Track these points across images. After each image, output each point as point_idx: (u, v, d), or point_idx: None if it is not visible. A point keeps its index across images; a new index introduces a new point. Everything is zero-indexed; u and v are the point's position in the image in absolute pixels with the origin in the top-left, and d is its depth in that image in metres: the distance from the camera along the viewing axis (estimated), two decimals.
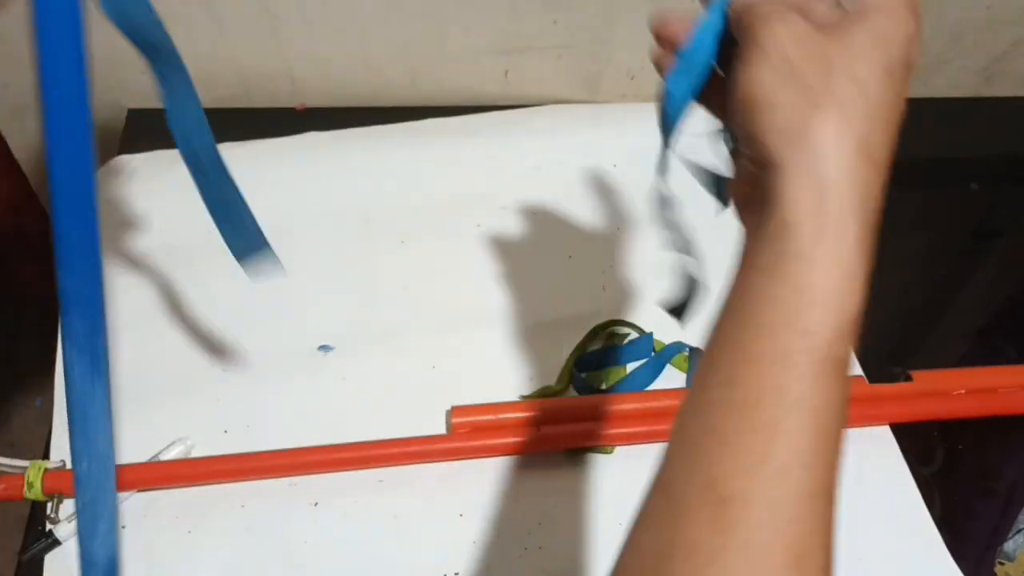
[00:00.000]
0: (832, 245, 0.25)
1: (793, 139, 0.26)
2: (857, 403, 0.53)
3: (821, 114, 0.25)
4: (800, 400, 0.24)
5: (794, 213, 0.25)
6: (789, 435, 0.24)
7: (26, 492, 0.46)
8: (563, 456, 0.51)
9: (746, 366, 0.25)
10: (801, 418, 0.24)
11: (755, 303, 0.25)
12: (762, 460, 0.24)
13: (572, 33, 0.68)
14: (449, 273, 0.61)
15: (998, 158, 0.77)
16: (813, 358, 0.24)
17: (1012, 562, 0.50)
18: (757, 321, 0.25)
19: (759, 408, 0.24)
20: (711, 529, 0.24)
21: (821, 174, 0.25)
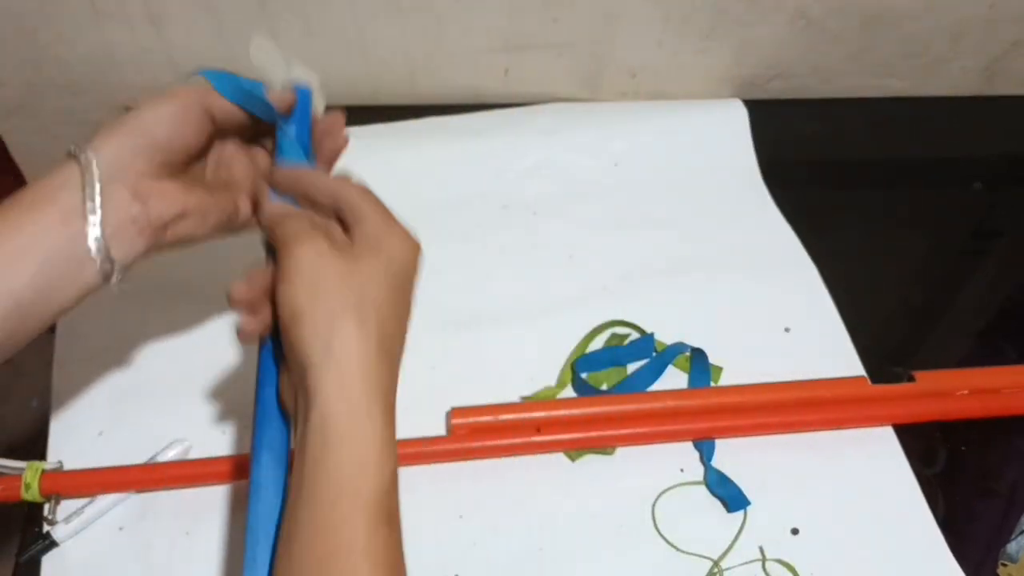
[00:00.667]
0: (364, 425, 0.31)
1: (322, 345, 0.31)
2: (859, 404, 0.53)
3: (342, 324, 0.32)
4: (366, 549, 0.30)
5: (328, 405, 0.31)
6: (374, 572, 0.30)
7: (23, 493, 0.46)
8: (563, 457, 0.51)
9: (321, 535, 0.30)
10: (371, 561, 0.30)
11: (315, 484, 0.31)
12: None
13: (572, 31, 0.68)
14: (448, 273, 0.60)
15: (999, 158, 0.77)
16: (369, 513, 0.30)
17: (1015, 563, 0.50)
18: (321, 499, 0.31)
19: (336, 562, 0.30)
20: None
21: (346, 372, 0.31)
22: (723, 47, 0.71)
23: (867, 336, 0.58)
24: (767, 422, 0.51)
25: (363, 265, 0.33)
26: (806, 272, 0.62)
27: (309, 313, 0.32)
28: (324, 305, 0.32)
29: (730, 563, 0.46)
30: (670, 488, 0.49)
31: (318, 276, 0.32)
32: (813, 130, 0.75)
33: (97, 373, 0.53)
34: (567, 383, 0.54)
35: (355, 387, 0.31)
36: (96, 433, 0.51)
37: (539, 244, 0.63)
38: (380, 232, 0.34)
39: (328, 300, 0.32)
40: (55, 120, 0.71)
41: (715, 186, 0.68)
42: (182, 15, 0.64)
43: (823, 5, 0.68)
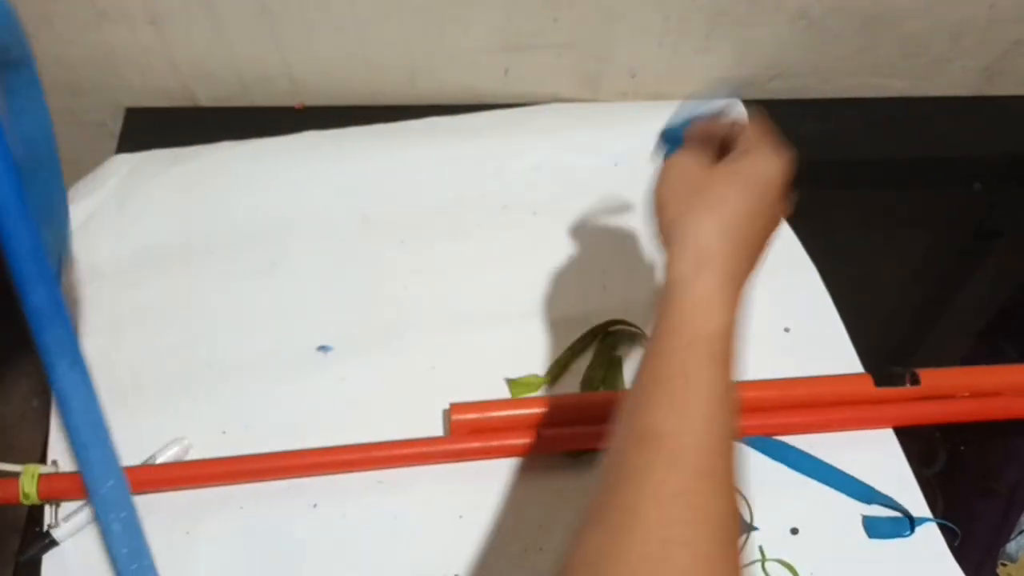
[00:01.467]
0: (706, 280, 0.35)
1: (675, 227, 0.37)
2: (860, 405, 0.53)
3: (693, 212, 0.37)
4: (696, 373, 0.33)
5: (679, 270, 0.36)
6: (695, 392, 0.33)
7: (22, 498, 0.46)
8: (564, 457, 0.51)
9: (659, 358, 0.34)
10: (699, 383, 0.33)
11: (658, 327, 0.35)
12: (677, 407, 0.33)
13: (572, 31, 0.68)
14: (449, 273, 0.60)
15: (999, 158, 0.77)
16: (702, 347, 0.34)
17: (1014, 563, 0.50)
18: (661, 333, 0.35)
19: (671, 380, 0.33)
20: (642, 455, 0.32)
21: (692, 245, 0.36)
22: (723, 47, 0.71)
23: (867, 336, 0.58)
24: (769, 424, 0.51)
25: (719, 176, 0.38)
26: (806, 272, 0.62)
27: (672, 204, 0.38)
28: (679, 202, 0.38)
29: None
30: None
31: (678, 184, 0.39)
32: (813, 130, 0.75)
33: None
34: (557, 376, 0.54)
35: (700, 254, 0.35)
36: None
37: (539, 244, 0.63)
38: (744, 152, 0.39)
39: (682, 200, 0.38)
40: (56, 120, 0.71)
41: None
42: (182, 16, 0.64)
43: (823, 5, 0.68)
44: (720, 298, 0.35)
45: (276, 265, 0.60)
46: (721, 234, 0.36)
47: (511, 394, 0.53)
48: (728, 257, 0.36)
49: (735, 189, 0.37)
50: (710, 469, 0.32)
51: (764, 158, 0.39)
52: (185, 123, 0.70)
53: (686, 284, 0.35)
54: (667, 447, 0.32)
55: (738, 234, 0.37)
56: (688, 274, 0.35)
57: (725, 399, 0.34)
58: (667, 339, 0.35)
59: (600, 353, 0.56)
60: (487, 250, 0.62)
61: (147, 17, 0.63)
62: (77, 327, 0.54)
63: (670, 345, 0.34)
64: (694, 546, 0.30)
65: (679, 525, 0.30)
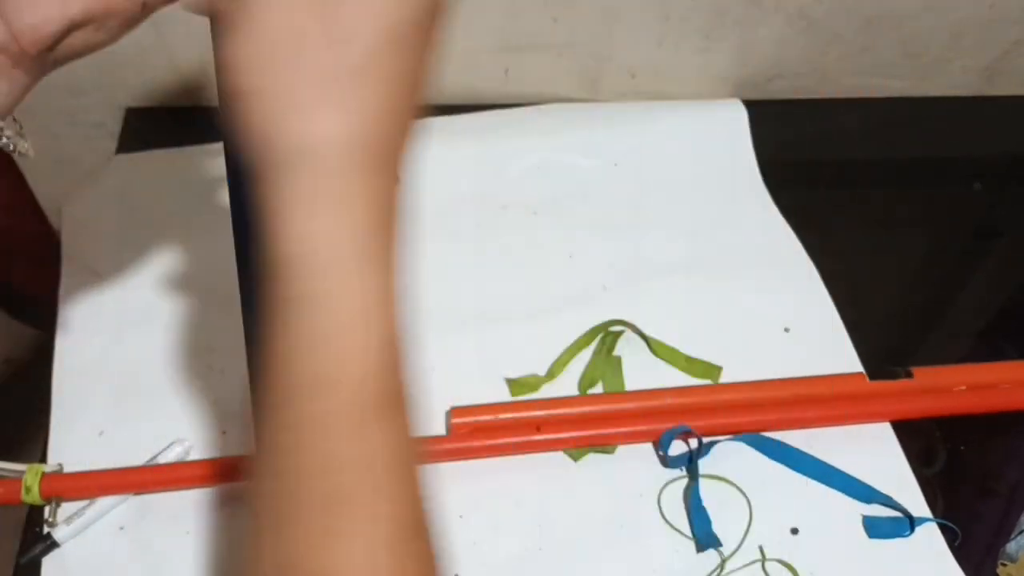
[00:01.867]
0: (341, 275, 0.20)
1: (276, 144, 0.20)
2: (857, 400, 0.53)
3: (315, 109, 0.20)
4: (352, 460, 0.21)
5: (290, 244, 0.20)
6: (353, 498, 0.21)
7: (24, 496, 0.46)
8: (564, 456, 0.51)
9: (286, 434, 0.21)
10: (360, 476, 0.21)
11: (274, 359, 0.21)
12: (333, 533, 0.21)
13: (572, 31, 0.68)
14: (448, 273, 0.60)
15: (999, 158, 0.77)
16: (351, 411, 0.21)
17: (1015, 563, 0.50)
18: (280, 383, 0.21)
19: (312, 479, 0.21)
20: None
21: (314, 190, 0.20)
22: (723, 47, 0.71)
23: (866, 336, 0.58)
24: (766, 419, 0.51)
25: (346, 7, 0.20)
26: (805, 272, 0.62)
27: (261, 91, 0.20)
28: (285, 78, 0.20)
29: (731, 566, 0.46)
30: (673, 481, 0.50)
31: (278, 29, 0.20)
32: (813, 130, 0.75)
33: (97, 374, 0.53)
34: (556, 375, 0.54)
35: (328, 218, 0.20)
36: (96, 434, 0.51)
37: (539, 244, 0.63)
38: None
39: (293, 71, 0.20)
40: (56, 121, 0.71)
41: (715, 186, 0.68)
42: (182, 16, 0.63)
43: (823, 5, 0.68)
44: (373, 294, 0.21)
45: None
46: (356, 153, 0.21)
47: (511, 394, 0.53)
48: (375, 197, 0.21)
49: (375, 42, 0.21)
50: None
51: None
52: (185, 123, 0.70)
53: (305, 289, 0.20)
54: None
55: (385, 138, 0.21)
56: (310, 263, 0.20)
57: (403, 474, 0.22)
58: (288, 406, 0.21)
59: (600, 353, 0.56)
60: (487, 250, 0.62)
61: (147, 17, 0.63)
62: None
63: (296, 417, 0.21)
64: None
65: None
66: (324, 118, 0.20)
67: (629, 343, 0.57)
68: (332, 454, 0.21)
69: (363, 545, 0.21)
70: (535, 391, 0.54)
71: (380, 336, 0.22)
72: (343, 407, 0.21)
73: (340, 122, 0.20)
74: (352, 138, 0.20)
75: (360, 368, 0.21)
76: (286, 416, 0.21)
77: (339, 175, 0.20)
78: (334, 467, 0.21)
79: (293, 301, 0.20)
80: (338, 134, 0.20)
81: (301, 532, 0.21)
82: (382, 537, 0.22)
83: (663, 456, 0.50)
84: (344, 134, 0.20)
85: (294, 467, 0.21)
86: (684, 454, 0.50)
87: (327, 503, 0.21)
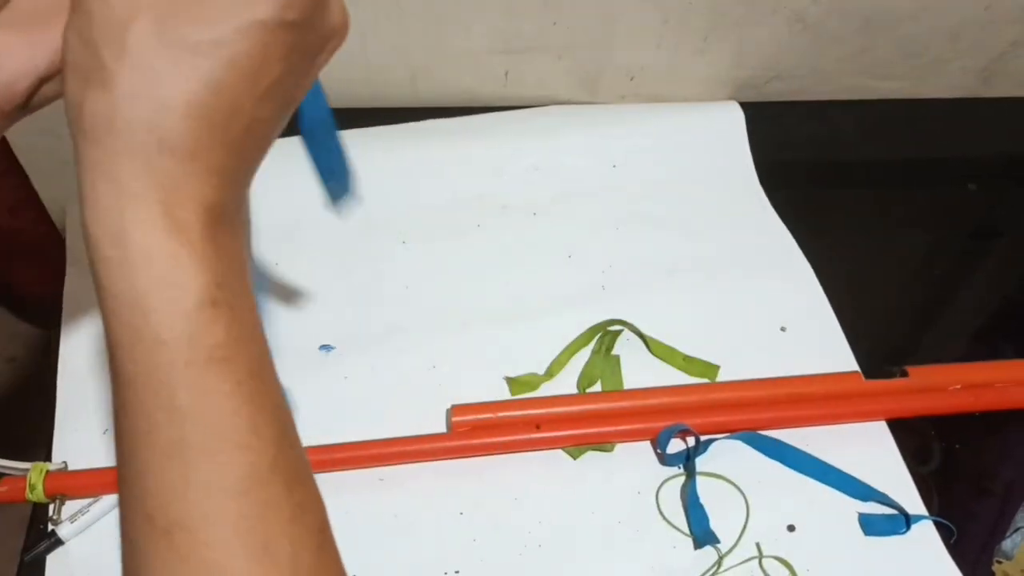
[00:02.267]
0: (138, 242, 0.21)
1: (79, 124, 0.21)
2: (853, 399, 0.53)
3: (105, 95, 0.20)
4: (192, 410, 0.22)
5: (92, 215, 0.21)
6: (199, 447, 0.22)
7: (28, 494, 0.46)
8: (563, 454, 0.51)
9: (128, 390, 0.22)
10: (203, 426, 0.22)
11: (105, 317, 0.22)
12: (183, 482, 0.22)
13: (572, 34, 0.68)
14: (449, 273, 0.61)
15: (996, 158, 0.78)
16: (182, 365, 0.21)
17: (1010, 561, 0.50)
18: (113, 341, 0.22)
19: (157, 431, 0.22)
20: (169, 560, 0.22)
21: (112, 173, 0.21)
22: (721, 49, 0.71)
23: (863, 335, 0.58)
24: (763, 418, 0.52)
25: (168, 10, 0.21)
26: (802, 272, 0.62)
27: (71, 69, 0.21)
28: (84, 62, 0.21)
29: (728, 563, 0.47)
30: (672, 478, 0.50)
31: (94, 13, 0.20)
32: (810, 131, 0.75)
33: (102, 372, 0.54)
34: (556, 374, 0.55)
35: (119, 188, 0.21)
36: (101, 432, 0.51)
37: (539, 244, 0.63)
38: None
39: (90, 57, 0.21)
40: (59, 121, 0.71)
41: (712, 187, 0.69)
42: None
43: (821, 7, 0.68)
44: (174, 260, 0.21)
45: (279, 265, 0.60)
46: (149, 150, 0.21)
47: (510, 392, 0.54)
48: (169, 178, 0.21)
49: (184, 46, 0.20)
50: (265, 540, 0.22)
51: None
52: None
53: (104, 255, 0.21)
54: (195, 542, 0.22)
55: (188, 139, 0.21)
56: (107, 227, 0.21)
57: (250, 423, 0.23)
58: (124, 362, 0.21)
59: (598, 352, 0.56)
60: (487, 250, 0.63)
61: None
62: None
63: (132, 372, 0.21)
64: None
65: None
66: (111, 100, 0.20)
67: (627, 342, 0.57)
68: (172, 407, 0.22)
69: (214, 493, 0.22)
70: (534, 390, 0.54)
71: (197, 297, 0.22)
72: (173, 361, 0.21)
73: (127, 105, 0.21)
74: (137, 120, 0.21)
75: (182, 325, 0.21)
76: (125, 372, 0.22)
77: (147, 123, 0.21)
78: (176, 419, 0.22)
79: (102, 263, 0.21)
80: (120, 126, 0.21)
81: (156, 483, 0.22)
82: (231, 484, 0.22)
83: (661, 454, 0.51)
84: (133, 114, 0.21)
85: (144, 421, 0.22)
86: (682, 452, 0.51)
87: (174, 453, 0.22)
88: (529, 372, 0.55)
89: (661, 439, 0.50)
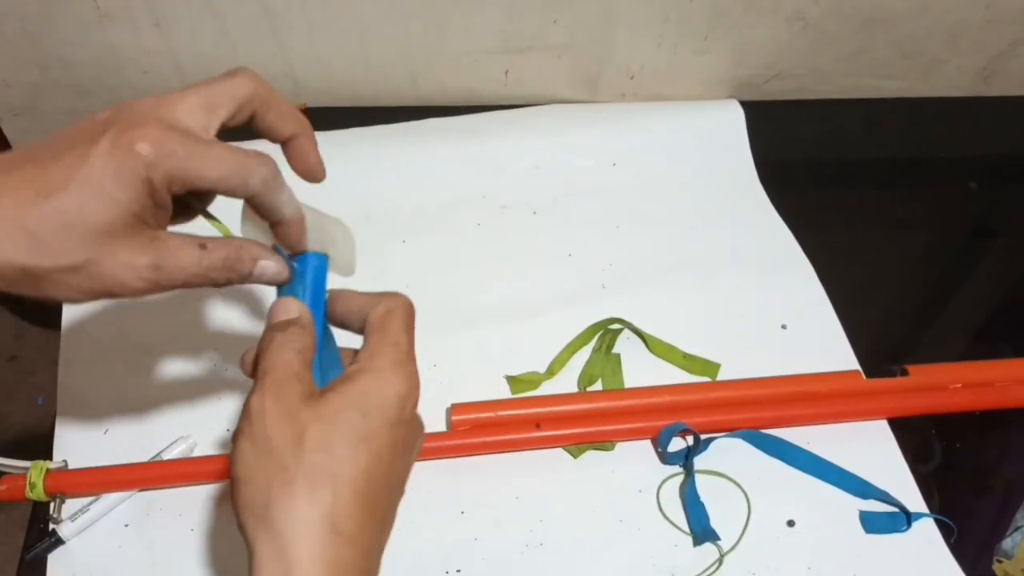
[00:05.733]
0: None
1: (261, 518, 0.25)
2: (853, 398, 0.53)
3: (288, 492, 0.25)
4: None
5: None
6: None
7: (28, 492, 0.46)
8: (564, 453, 0.51)
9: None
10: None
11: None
12: None
13: (572, 33, 0.68)
14: (449, 272, 0.61)
15: (996, 158, 0.78)
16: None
17: (1010, 559, 0.50)
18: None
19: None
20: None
21: (287, 558, 0.25)
22: (721, 48, 0.71)
23: (863, 334, 0.58)
24: (763, 416, 0.52)
25: (327, 415, 0.27)
26: (803, 270, 0.62)
27: (252, 477, 0.26)
28: (271, 470, 0.26)
29: (729, 560, 0.47)
30: (672, 477, 0.50)
31: (272, 434, 0.26)
32: (809, 130, 0.75)
33: (103, 372, 0.54)
34: (556, 373, 0.55)
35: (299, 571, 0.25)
36: (102, 431, 0.51)
37: (539, 244, 0.64)
38: (370, 379, 0.28)
39: (277, 464, 0.26)
40: (61, 122, 0.71)
41: (712, 186, 0.69)
42: (186, 17, 0.64)
43: (821, 6, 0.68)
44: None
45: None
46: (323, 527, 0.25)
47: (511, 391, 0.54)
48: (336, 563, 0.25)
49: (347, 439, 0.26)
50: None
51: (384, 382, 0.28)
52: None
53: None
54: None
55: (346, 517, 0.26)
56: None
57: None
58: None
59: (599, 351, 0.56)
60: (487, 249, 0.63)
61: (151, 19, 0.64)
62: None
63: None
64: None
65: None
66: (296, 503, 0.25)
67: (628, 341, 0.57)
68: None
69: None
70: (535, 388, 0.54)
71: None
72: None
73: (307, 507, 0.25)
74: (315, 519, 0.25)
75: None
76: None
77: (300, 547, 0.25)
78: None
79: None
80: (304, 515, 0.25)
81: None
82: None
83: (662, 453, 0.51)
84: (310, 514, 0.25)
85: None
86: (682, 450, 0.51)
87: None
88: (530, 371, 0.55)
89: (662, 438, 0.50)
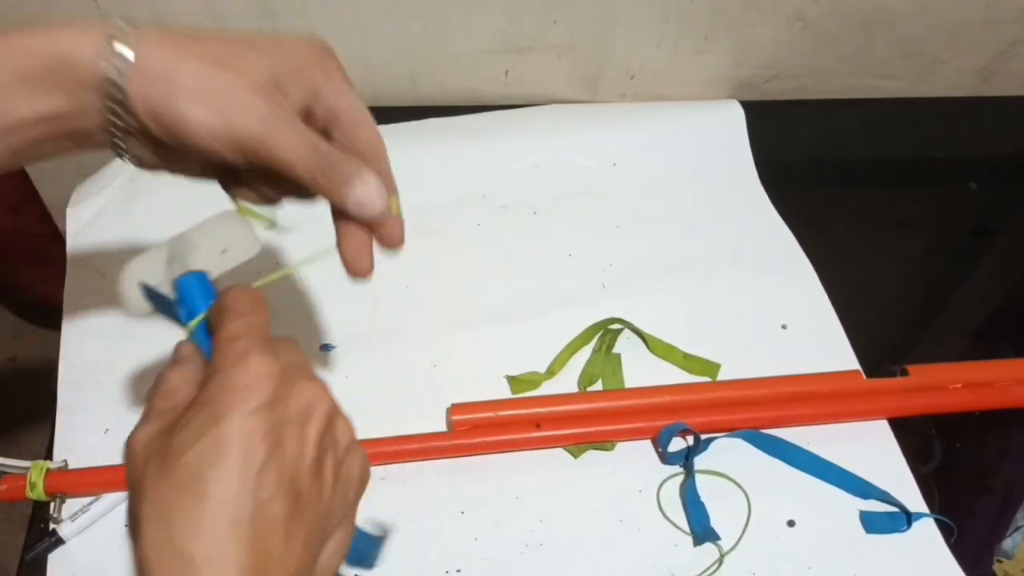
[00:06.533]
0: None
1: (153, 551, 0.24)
2: (854, 398, 0.53)
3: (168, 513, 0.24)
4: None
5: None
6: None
7: (28, 492, 0.46)
8: (564, 453, 0.51)
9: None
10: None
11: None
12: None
13: (572, 33, 0.68)
14: (449, 272, 0.61)
15: (996, 157, 0.78)
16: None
17: (1011, 560, 0.50)
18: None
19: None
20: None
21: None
22: (721, 48, 0.71)
23: (863, 334, 0.58)
24: (763, 416, 0.52)
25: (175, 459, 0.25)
26: (803, 270, 0.62)
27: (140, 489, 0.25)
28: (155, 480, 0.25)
29: (729, 560, 0.47)
30: (672, 477, 0.50)
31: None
32: (810, 130, 0.75)
33: (102, 372, 0.54)
34: (556, 373, 0.55)
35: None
36: (102, 431, 0.51)
37: (539, 244, 0.64)
38: (213, 385, 0.26)
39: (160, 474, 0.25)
40: None
41: (713, 186, 0.69)
42: (186, 18, 0.64)
43: (821, 7, 0.68)
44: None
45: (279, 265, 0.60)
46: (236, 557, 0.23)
47: (511, 391, 0.54)
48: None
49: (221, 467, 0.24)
50: None
51: (225, 381, 0.26)
52: None
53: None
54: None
55: (263, 542, 0.24)
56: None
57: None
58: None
59: (599, 351, 0.56)
60: (487, 249, 0.63)
61: (152, 20, 0.64)
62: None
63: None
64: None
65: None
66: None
67: (628, 341, 0.57)
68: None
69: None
70: (535, 388, 0.54)
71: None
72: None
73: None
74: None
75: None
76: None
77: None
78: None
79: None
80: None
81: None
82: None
83: (662, 453, 0.51)
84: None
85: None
86: (682, 450, 0.51)
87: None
88: (530, 371, 0.55)
89: (662, 438, 0.50)
